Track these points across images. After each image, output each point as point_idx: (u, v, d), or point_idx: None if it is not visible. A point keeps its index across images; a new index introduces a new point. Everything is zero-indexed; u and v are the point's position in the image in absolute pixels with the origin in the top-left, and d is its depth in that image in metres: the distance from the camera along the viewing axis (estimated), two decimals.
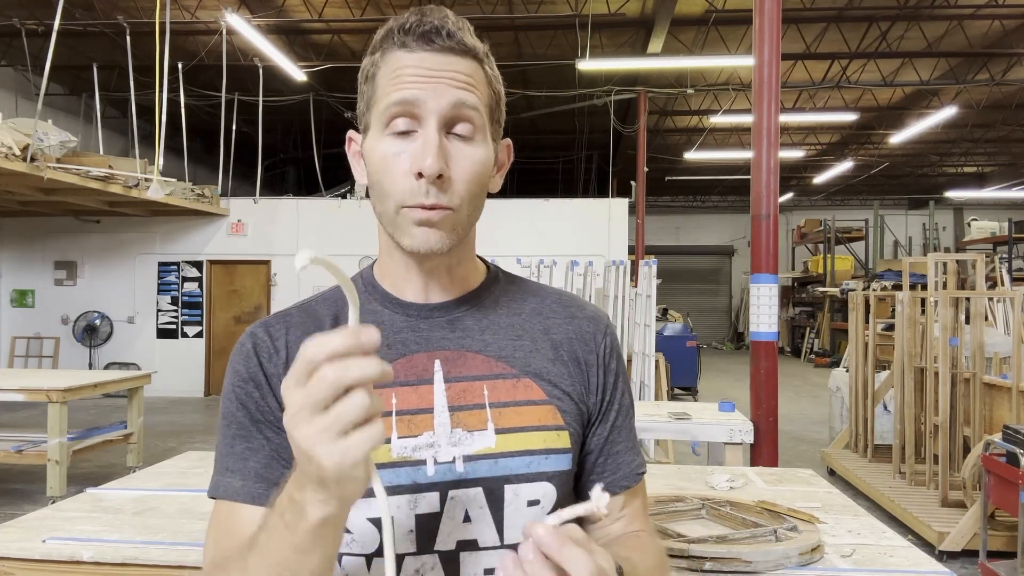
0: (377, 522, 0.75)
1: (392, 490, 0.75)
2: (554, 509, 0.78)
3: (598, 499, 0.60)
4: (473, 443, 0.77)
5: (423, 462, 0.76)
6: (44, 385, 4.86)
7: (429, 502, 0.76)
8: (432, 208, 0.74)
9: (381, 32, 0.78)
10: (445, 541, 0.76)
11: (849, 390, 6.10)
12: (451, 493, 0.76)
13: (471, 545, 0.77)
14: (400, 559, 0.76)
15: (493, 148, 0.81)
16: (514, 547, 0.77)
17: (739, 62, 9.69)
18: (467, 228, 0.80)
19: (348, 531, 0.75)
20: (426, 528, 0.76)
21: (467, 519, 0.77)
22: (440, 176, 0.73)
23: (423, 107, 0.73)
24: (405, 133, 0.75)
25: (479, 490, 0.77)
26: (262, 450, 0.77)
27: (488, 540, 0.77)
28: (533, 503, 0.77)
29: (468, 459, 0.77)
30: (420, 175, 0.73)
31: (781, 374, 4.63)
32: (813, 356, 16.36)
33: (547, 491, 0.79)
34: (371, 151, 0.77)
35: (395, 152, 0.75)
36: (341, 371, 0.52)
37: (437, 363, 0.80)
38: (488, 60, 0.80)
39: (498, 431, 0.78)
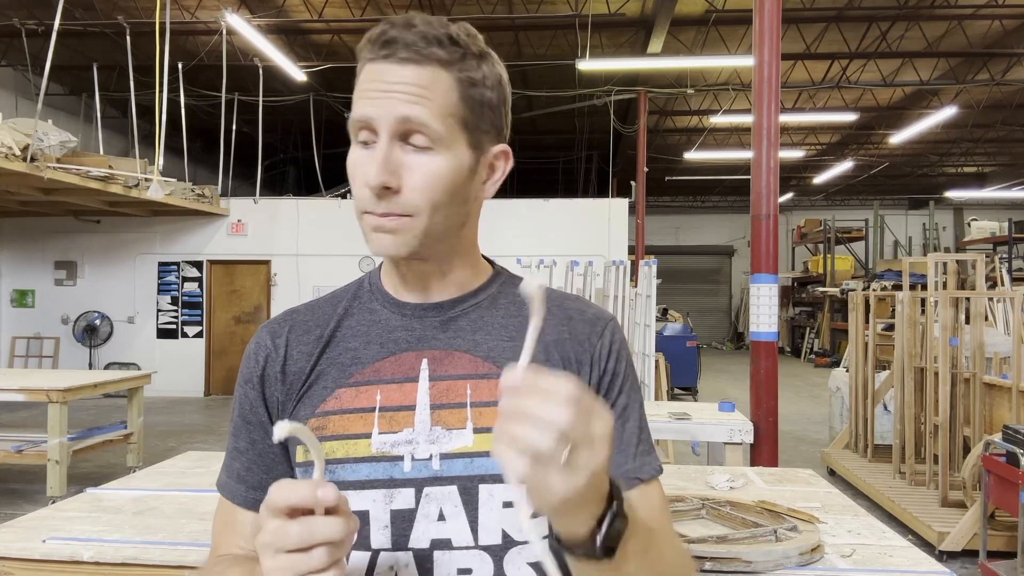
0: (356, 515, 0.76)
1: (369, 484, 0.77)
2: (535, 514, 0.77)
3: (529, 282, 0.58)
4: (451, 441, 0.78)
5: (400, 458, 0.78)
6: (44, 385, 4.86)
7: (404, 498, 0.77)
8: (383, 216, 0.76)
9: (361, 42, 0.79)
10: (419, 539, 0.77)
11: (849, 390, 6.10)
12: (426, 490, 0.77)
13: (445, 544, 0.77)
14: (375, 555, 0.78)
15: (471, 155, 0.78)
16: (488, 548, 0.77)
17: (739, 62, 9.68)
18: (440, 235, 0.78)
19: None
20: (401, 524, 0.77)
21: (442, 517, 0.77)
22: (388, 188, 0.74)
23: (376, 123, 0.75)
24: (367, 144, 0.77)
25: (453, 488, 0.77)
26: (247, 453, 0.84)
27: (462, 540, 0.77)
28: (509, 504, 0.76)
29: (444, 457, 0.78)
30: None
31: (781, 374, 4.63)
32: (813, 356, 16.35)
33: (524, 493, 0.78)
34: (347, 159, 0.80)
35: (358, 163, 0.77)
36: (307, 532, 0.60)
37: (424, 362, 0.81)
38: (464, 64, 0.76)
39: (476, 430, 0.78)
